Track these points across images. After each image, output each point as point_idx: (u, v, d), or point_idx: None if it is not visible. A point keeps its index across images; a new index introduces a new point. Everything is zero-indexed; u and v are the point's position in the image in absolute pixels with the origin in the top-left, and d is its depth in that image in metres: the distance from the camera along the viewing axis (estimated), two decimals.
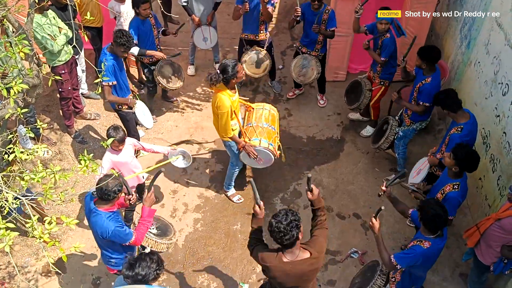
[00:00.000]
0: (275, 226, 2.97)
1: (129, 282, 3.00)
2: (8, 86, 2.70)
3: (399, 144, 5.34)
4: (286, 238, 2.96)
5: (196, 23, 6.47)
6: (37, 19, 5.01)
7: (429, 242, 3.46)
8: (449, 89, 4.60)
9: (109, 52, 4.84)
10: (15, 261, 4.77)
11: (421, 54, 4.75)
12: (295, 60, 6.15)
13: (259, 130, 4.97)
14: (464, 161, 3.79)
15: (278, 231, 2.95)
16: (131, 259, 3.06)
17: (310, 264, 3.13)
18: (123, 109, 5.21)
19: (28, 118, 5.46)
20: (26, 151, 2.77)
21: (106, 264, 3.99)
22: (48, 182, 2.83)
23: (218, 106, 4.52)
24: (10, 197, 2.48)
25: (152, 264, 3.04)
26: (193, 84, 7.04)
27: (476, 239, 3.96)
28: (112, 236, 3.57)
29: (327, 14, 5.73)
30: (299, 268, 3.11)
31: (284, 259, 3.09)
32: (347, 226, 5.21)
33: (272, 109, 5.33)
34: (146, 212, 3.78)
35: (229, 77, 4.40)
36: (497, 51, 4.84)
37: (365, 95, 5.77)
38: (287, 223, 2.96)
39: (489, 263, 3.94)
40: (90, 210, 3.61)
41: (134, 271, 2.98)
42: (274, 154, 4.94)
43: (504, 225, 3.73)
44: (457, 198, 3.88)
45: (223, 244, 5.04)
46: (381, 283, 3.72)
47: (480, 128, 4.94)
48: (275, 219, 3.00)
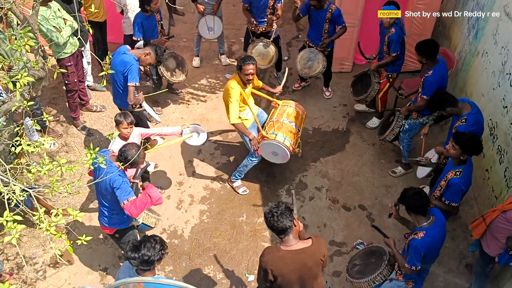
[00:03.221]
0: (268, 212, 3.15)
1: (135, 263, 3.06)
2: (14, 79, 2.71)
3: (404, 136, 5.31)
4: (280, 221, 3.09)
5: (199, 12, 6.45)
6: (42, 12, 5.01)
7: (423, 231, 3.47)
8: (439, 89, 4.64)
9: (133, 55, 4.80)
10: (23, 253, 4.82)
11: (419, 49, 4.75)
12: (301, 53, 6.12)
13: (278, 125, 5.04)
14: (468, 143, 3.76)
15: (271, 215, 3.11)
16: (135, 242, 3.13)
17: (311, 254, 3.14)
18: (136, 109, 5.19)
19: (35, 110, 5.49)
20: (32, 143, 2.78)
21: (100, 221, 4.09)
22: (54, 174, 2.85)
23: (227, 88, 4.74)
24: (18, 189, 2.49)
25: (156, 245, 3.11)
26: (198, 76, 7.03)
27: (482, 231, 3.95)
28: (118, 187, 3.66)
29: (330, 13, 5.69)
30: (299, 258, 3.13)
31: (282, 247, 3.16)
32: (352, 218, 5.21)
33: (298, 107, 5.38)
34: (153, 193, 3.85)
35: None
36: (505, 41, 4.78)
37: (373, 87, 5.73)
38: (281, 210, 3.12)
39: (495, 254, 3.93)
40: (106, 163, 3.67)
41: (140, 252, 3.05)
42: (290, 150, 4.97)
43: (510, 218, 3.71)
44: (458, 184, 3.85)
45: (228, 235, 5.06)
46: (387, 273, 3.73)
47: (487, 119, 4.90)
48: (268, 207, 3.20)
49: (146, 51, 4.81)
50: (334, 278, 4.69)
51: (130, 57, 4.73)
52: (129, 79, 4.74)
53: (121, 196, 3.70)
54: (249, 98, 5.04)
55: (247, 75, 4.68)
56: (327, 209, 5.30)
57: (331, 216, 5.23)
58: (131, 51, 4.82)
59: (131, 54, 4.76)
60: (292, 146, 5.03)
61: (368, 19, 6.07)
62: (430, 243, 3.47)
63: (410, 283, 3.76)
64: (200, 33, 6.74)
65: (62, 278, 4.66)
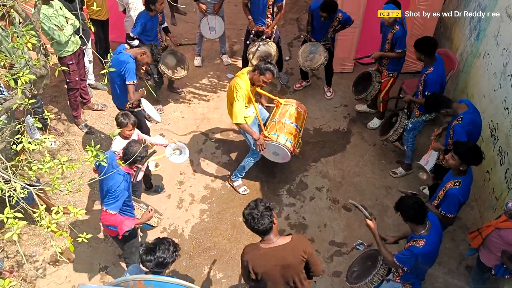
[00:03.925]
0: (248, 214, 3.09)
1: (150, 266, 3.04)
2: (16, 77, 2.71)
3: (408, 136, 5.31)
4: (261, 223, 3.05)
5: (201, 11, 6.45)
6: (43, 10, 5.01)
7: (423, 240, 3.43)
8: (434, 92, 4.67)
9: (129, 54, 4.81)
10: (23, 250, 4.82)
11: (418, 46, 4.75)
12: (303, 47, 6.13)
13: (280, 126, 5.03)
14: (467, 153, 3.72)
15: (252, 218, 3.06)
16: (149, 245, 3.11)
17: (291, 250, 3.12)
18: (135, 109, 5.18)
19: (36, 108, 5.49)
20: (33, 141, 2.79)
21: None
22: (55, 172, 2.85)
23: (234, 86, 4.68)
24: (19, 187, 2.49)
25: (170, 247, 3.11)
26: (200, 75, 7.03)
27: (479, 242, 3.94)
28: (113, 192, 3.70)
29: (337, 21, 5.74)
30: (280, 255, 3.12)
31: (262, 245, 3.15)
32: (353, 218, 5.21)
33: (300, 106, 5.37)
34: (135, 222, 3.98)
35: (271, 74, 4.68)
36: (506, 43, 4.78)
37: (374, 86, 5.73)
38: (260, 211, 3.07)
39: (491, 265, 3.93)
40: (111, 165, 3.72)
41: (155, 254, 3.04)
42: (291, 151, 4.97)
43: (503, 236, 3.71)
44: (457, 195, 3.79)
45: (229, 235, 5.07)
46: (383, 272, 3.71)
47: (488, 121, 4.90)
48: (247, 209, 3.13)
49: (142, 50, 4.82)
50: (334, 278, 4.69)
51: (125, 56, 4.73)
52: (127, 78, 4.75)
53: (108, 202, 3.75)
54: (254, 95, 5.01)
55: (264, 82, 4.72)
56: (327, 209, 5.30)
57: (331, 216, 5.23)
58: (127, 50, 4.83)
59: (127, 53, 4.76)
60: (293, 147, 5.04)
61: (370, 18, 6.06)
62: (431, 250, 3.47)
63: (407, 285, 3.75)
64: (201, 33, 6.74)
65: (62, 276, 4.66)
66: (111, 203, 3.75)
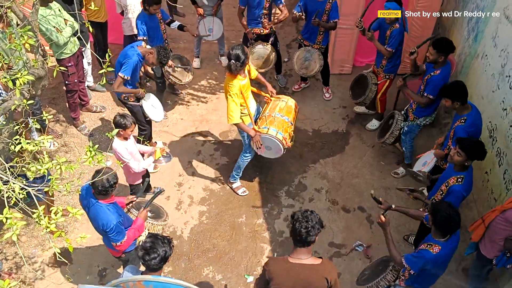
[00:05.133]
0: (302, 217, 2.97)
1: (155, 262, 3.00)
2: (14, 78, 2.71)
3: (406, 139, 5.31)
4: (310, 235, 2.92)
5: (198, 14, 6.45)
6: (41, 11, 5.01)
7: (439, 246, 3.37)
8: (460, 81, 4.47)
9: (138, 51, 4.86)
10: (22, 252, 4.81)
11: (438, 46, 4.63)
12: (298, 53, 6.13)
13: (270, 119, 5.01)
14: (473, 149, 3.71)
15: (305, 221, 2.94)
16: (145, 246, 3.03)
17: (317, 271, 3.01)
18: (129, 101, 5.21)
19: (34, 110, 5.48)
20: (32, 141, 2.78)
21: (105, 244, 4.07)
22: (54, 173, 2.84)
23: (228, 85, 4.67)
24: (17, 187, 2.48)
25: (165, 240, 3.09)
26: (199, 77, 7.03)
27: (481, 232, 3.94)
28: (111, 230, 3.62)
29: (330, 4, 5.68)
30: (305, 274, 2.99)
31: (291, 259, 3.02)
32: (352, 220, 5.21)
33: (290, 100, 5.36)
34: (139, 223, 3.89)
35: (245, 60, 4.54)
36: (505, 44, 4.79)
37: (371, 89, 5.74)
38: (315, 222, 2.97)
39: (492, 256, 3.92)
40: (89, 202, 3.65)
41: (158, 251, 3.00)
42: (283, 144, 4.94)
43: (508, 217, 3.70)
44: (460, 191, 3.81)
45: (228, 236, 5.06)
46: (391, 278, 3.68)
47: (487, 122, 4.90)
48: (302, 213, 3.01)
49: (151, 50, 4.91)
50: None
51: (133, 51, 4.85)
52: (122, 69, 4.85)
53: (114, 238, 3.69)
54: (248, 91, 4.97)
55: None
56: (326, 211, 5.29)
57: (330, 217, 5.23)
58: (139, 47, 4.93)
59: (137, 50, 4.87)
60: (285, 139, 4.98)
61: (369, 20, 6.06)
62: (443, 258, 3.43)
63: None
64: (200, 35, 6.74)
65: (61, 277, 4.64)
66: (116, 237, 3.68)
